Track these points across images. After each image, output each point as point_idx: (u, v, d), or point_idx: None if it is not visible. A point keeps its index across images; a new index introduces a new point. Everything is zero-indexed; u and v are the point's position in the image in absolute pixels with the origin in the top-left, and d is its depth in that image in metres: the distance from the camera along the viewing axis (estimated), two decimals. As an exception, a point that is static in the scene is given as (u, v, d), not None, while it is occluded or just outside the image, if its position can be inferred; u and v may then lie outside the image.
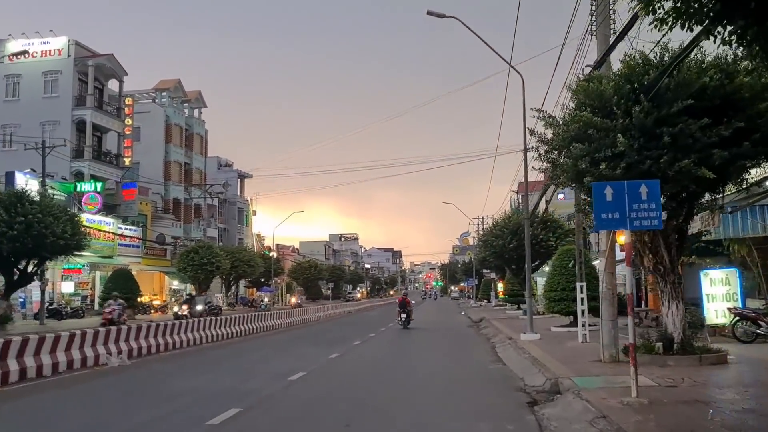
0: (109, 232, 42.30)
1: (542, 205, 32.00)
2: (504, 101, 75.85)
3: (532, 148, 12.17)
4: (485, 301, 65.61)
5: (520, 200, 71.53)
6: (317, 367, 13.80)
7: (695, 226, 14.24)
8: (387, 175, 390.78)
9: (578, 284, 16.69)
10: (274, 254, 75.18)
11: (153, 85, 62.43)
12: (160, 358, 15.82)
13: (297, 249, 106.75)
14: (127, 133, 48.54)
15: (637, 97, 10.27)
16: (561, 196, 44.38)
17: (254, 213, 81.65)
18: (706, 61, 10.34)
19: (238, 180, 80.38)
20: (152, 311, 45.30)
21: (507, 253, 31.15)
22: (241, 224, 76.24)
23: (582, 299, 16.62)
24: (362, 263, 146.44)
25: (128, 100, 48.75)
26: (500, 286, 59.56)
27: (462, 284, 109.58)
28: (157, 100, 60.99)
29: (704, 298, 15.77)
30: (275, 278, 75.68)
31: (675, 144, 10.04)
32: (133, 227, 46.80)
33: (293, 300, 58.23)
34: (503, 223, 31.71)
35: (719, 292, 15.62)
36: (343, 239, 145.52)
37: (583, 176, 10.59)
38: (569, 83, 11.90)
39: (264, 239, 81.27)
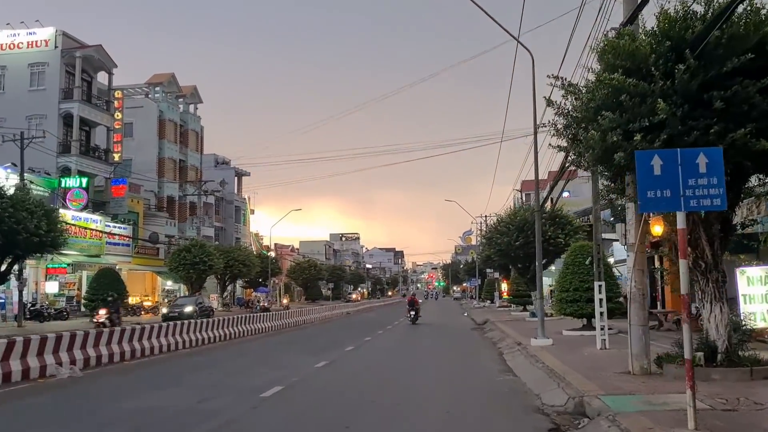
0: (96, 230, 40.51)
1: (548, 205, 30.13)
2: (511, 80, 73.26)
3: (548, 123, 10.29)
4: (488, 301, 63.73)
5: (524, 199, 69.57)
6: (298, 379, 11.96)
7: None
8: (388, 163, 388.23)
9: (597, 284, 14.84)
10: (272, 254, 73.46)
11: (146, 80, 60.67)
12: (122, 368, 13.98)
13: (297, 249, 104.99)
14: (117, 127, 46.76)
15: (679, 55, 8.41)
16: (566, 194, 42.49)
17: (252, 212, 79.94)
18: (766, 8, 8.48)
19: (236, 178, 78.62)
20: (143, 312, 43.59)
21: (513, 251, 29.29)
22: (238, 223, 74.47)
23: (601, 300, 14.75)
24: (363, 263, 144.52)
25: (118, 93, 46.98)
26: (504, 286, 57.82)
27: (464, 284, 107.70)
28: (150, 95, 59.23)
29: (741, 299, 13.88)
30: (273, 278, 73.94)
31: (728, 111, 8.19)
32: (122, 225, 45.01)
33: (284, 301, 56.27)
34: (509, 219, 29.85)
35: (758, 292, 13.73)
36: (344, 239, 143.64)
37: (614, 152, 8.73)
38: (594, 44, 9.98)
39: (262, 238, 79.48)
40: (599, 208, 15.59)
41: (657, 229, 9.74)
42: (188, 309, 35.65)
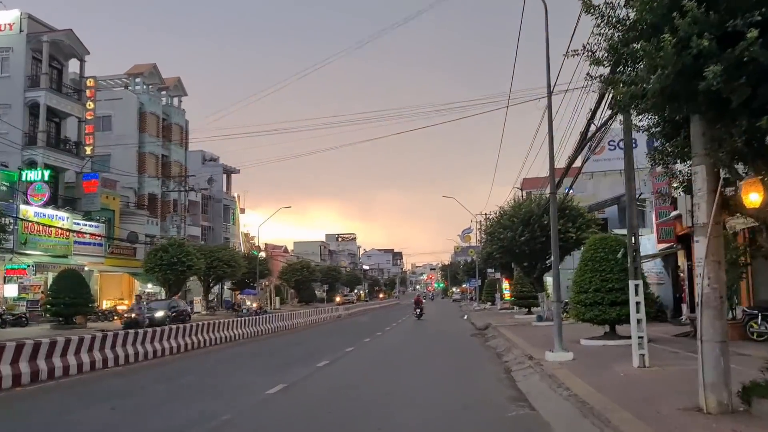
0: (62, 229, 37.24)
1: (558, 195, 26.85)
2: (519, 31, 70.48)
3: (585, 47, 7.00)
4: (489, 303, 60.47)
5: (525, 197, 66.42)
6: (234, 416, 8.69)
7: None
8: (386, 134, 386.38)
9: (633, 283, 11.55)
10: (262, 254, 70.20)
11: (126, 70, 57.40)
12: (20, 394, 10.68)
13: (291, 250, 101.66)
14: (89, 118, 43.45)
15: None
16: (570, 192, 39.07)
17: (242, 211, 76.66)
18: None
19: (224, 175, 75.35)
20: (115, 318, 40.25)
21: (517, 247, 26.03)
22: (227, 222, 71.21)
23: (638, 304, 11.48)
24: (360, 264, 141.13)
25: (90, 82, 43.66)
26: (506, 286, 54.65)
27: (464, 285, 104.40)
28: (130, 87, 55.98)
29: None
30: (263, 280, 70.62)
31: None
32: (94, 223, 41.72)
33: (254, 304, 52.70)
34: (512, 211, 26.58)
35: None
36: (340, 239, 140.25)
37: (698, 72, 5.44)
38: None
39: (253, 239, 76.17)
40: (632, 186, 12.36)
41: (753, 197, 6.44)
42: (159, 314, 32.42)
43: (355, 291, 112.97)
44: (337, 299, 68.43)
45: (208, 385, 12.14)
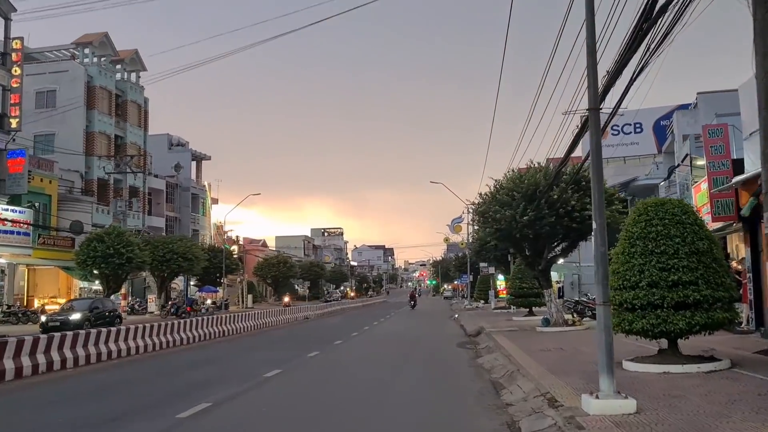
0: (-30, 213, 31.04)
1: (567, 167, 20.74)
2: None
3: None
4: (482, 302, 54.49)
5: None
6: None
7: None
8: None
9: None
10: (234, 248, 64.04)
11: (73, 39, 51.00)
12: None
13: (271, 245, 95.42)
14: (14, 86, 37.10)
15: None
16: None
17: (215, 201, 70.37)
18: None
19: (194, 163, 69.06)
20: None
21: (518, 230, 19.96)
22: (195, 213, 64.93)
23: None
24: (347, 260, 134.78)
25: (16, 44, 37.29)
26: (500, 283, 48.61)
27: (455, 282, 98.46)
28: (78, 59, 49.63)
29: None
30: (234, 276, 64.47)
31: None
32: (19, 208, 35.46)
33: (210, 302, 46.47)
34: (512, 184, 20.46)
35: None
36: (326, 234, 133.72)
37: None
38: None
39: (228, 232, 69.86)
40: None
41: None
42: (75, 316, 26.30)
43: (341, 288, 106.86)
44: (285, 299, 62.05)
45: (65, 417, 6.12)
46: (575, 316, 22.84)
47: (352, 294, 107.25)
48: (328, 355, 16.93)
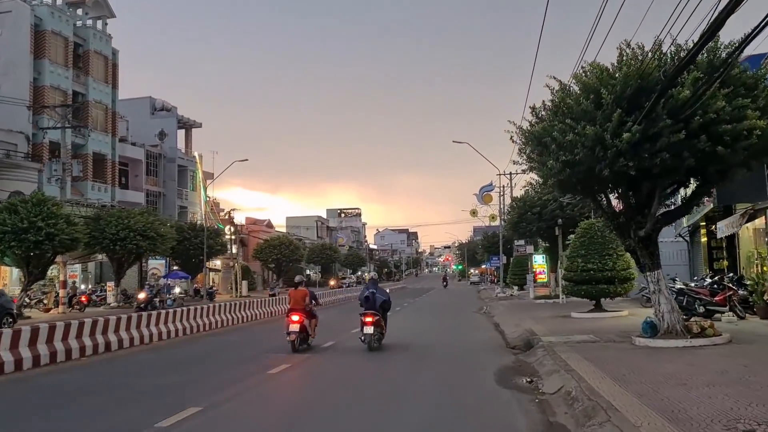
0: None
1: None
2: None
3: None
4: (515, 288, 45.18)
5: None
6: None
7: None
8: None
9: None
10: (230, 228, 55.45)
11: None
12: None
13: (279, 226, 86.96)
14: None
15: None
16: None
17: (210, 176, 61.54)
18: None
19: (183, 131, 60.58)
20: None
21: (608, 161, 10.60)
22: (182, 188, 56.50)
23: None
24: (365, 242, 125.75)
25: None
26: (538, 263, 39.09)
27: (483, 266, 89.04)
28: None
29: None
30: (221, 259, 56.14)
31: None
32: None
33: (177, 290, 37.64)
34: (596, 80, 11.02)
35: None
36: (343, 215, 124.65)
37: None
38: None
39: (231, 212, 61.27)
40: None
41: None
42: None
43: (358, 273, 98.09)
44: (332, 282, 52.88)
45: None
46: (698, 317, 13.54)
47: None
48: (250, 394, 8.00)
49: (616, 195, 12.71)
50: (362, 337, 13.66)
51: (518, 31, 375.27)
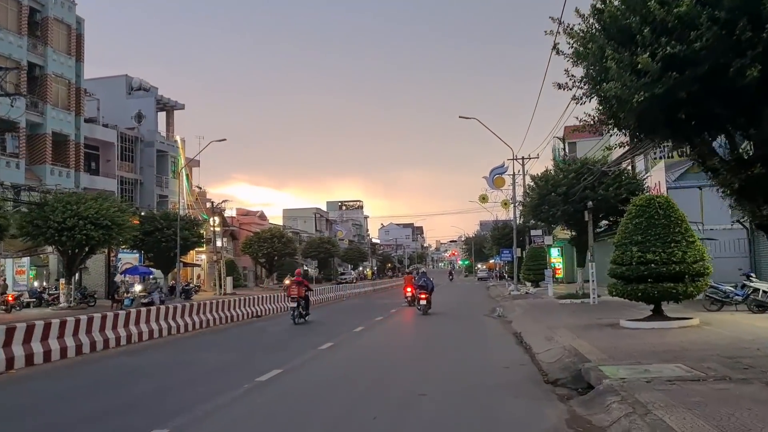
0: None
1: None
2: None
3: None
4: (529, 284, 39.84)
5: (567, 150, 44.86)
6: None
7: None
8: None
9: None
10: (215, 219, 50.34)
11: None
12: None
13: (275, 219, 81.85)
14: None
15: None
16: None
17: (196, 163, 56.37)
18: None
19: (163, 113, 55.45)
20: None
21: (765, 44, 5.38)
22: (162, 175, 51.42)
23: None
24: (367, 236, 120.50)
25: None
26: (554, 257, 33.86)
27: (491, 261, 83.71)
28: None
29: None
30: (200, 252, 51.18)
31: None
32: None
33: (137, 287, 32.49)
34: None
35: None
36: (344, 207, 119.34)
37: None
38: None
39: (222, 203, 55.89)
40: None
41: None
42: None
43: (359, 269, 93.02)
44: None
45: None
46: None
47: (371, 275, 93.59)
48: None
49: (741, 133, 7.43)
50: (418, 306, 23.47)
51: (532, 23, 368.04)
